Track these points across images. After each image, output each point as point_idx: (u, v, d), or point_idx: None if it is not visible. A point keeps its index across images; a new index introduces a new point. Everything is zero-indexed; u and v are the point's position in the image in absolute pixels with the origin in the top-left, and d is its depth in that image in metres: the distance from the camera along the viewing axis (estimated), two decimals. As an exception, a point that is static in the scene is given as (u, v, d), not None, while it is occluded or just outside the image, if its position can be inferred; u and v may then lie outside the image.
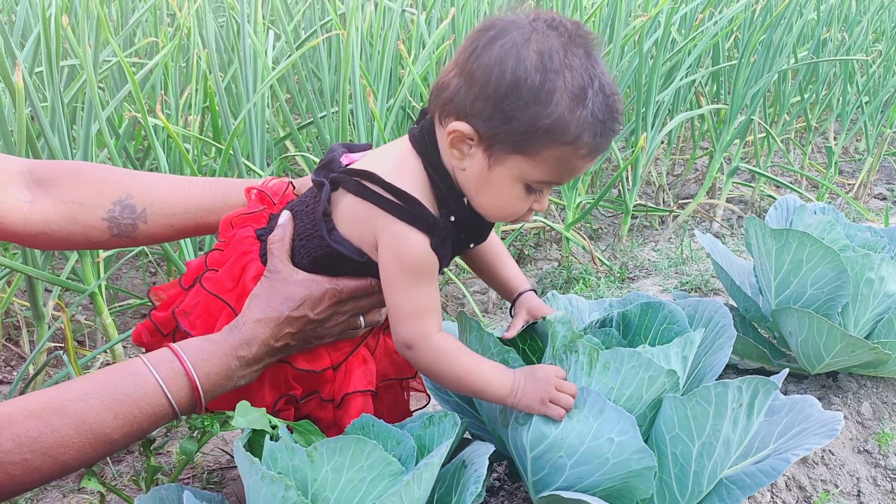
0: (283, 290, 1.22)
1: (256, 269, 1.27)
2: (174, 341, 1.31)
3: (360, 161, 1.25)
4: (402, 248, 1.15)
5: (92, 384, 1.11)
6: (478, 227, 1.24)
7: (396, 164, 1.19)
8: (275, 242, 1.26)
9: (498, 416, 1.29)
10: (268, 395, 1.28)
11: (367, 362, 1.32)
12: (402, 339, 1.19)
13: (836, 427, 1.22)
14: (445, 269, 2.51)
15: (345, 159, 1.27)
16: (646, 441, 1.22)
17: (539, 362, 1.31)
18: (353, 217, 1.20)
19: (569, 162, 1.11)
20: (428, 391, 1.47)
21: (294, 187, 1.42)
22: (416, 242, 1.15)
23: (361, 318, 1.29)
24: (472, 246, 1.29)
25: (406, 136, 1.22)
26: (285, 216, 1.29)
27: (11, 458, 1.04)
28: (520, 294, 1.37)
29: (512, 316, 1.38)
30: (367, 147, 1.31)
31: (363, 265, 1.22)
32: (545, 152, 1.09)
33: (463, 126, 1.09)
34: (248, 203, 1.39)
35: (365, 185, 1.17)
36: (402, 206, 1.14)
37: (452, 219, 1.18)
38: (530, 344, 1.38)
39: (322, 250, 1.23)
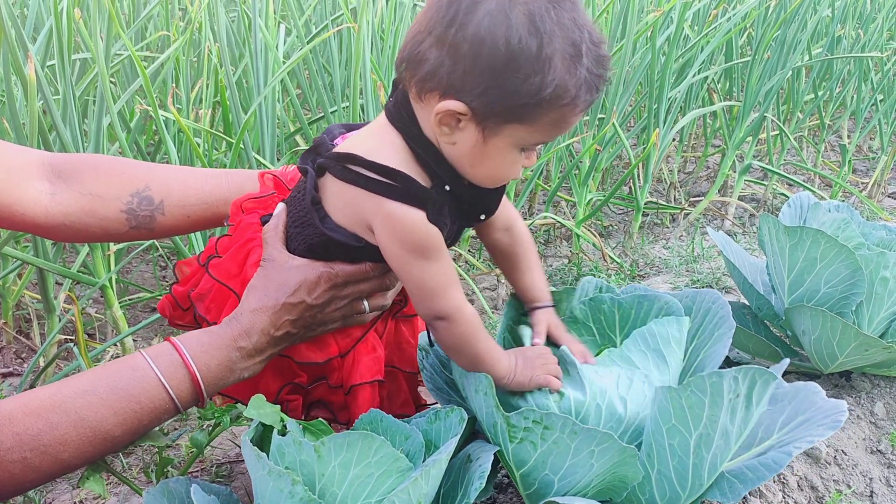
0: (278, 278, 1.20)
1: (259, 254, 1.26)
2: (194, 317, 1.32)
3: (342, 144, 1.20)
4: (399, 228, 1.11)
5: (91, 380, 1.10)
6: (480, 195, 1.19)
7: (376, 141, 1.14)
8: (268, 231, 1.25)
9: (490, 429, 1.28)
10: (272, 383, 1.27)
11: (375, 350, 1.30)
12: (435, 313, 1.16)
13: (841, 418, 1.19)
14: (456, 267, 2.50)
15: (339, 140, 1.23)
16: (641, 434, 1.22)
17: None
18: (342, 203, 1.17)
19: (565, 120, 1.08)
20: (431, 392, 1.46)
21: None
22: (413, 219, 1.11)
23: (365, 303, 1.27)
24: (482, 218, 1.23)
25: (383, 113, 1.17)
26: (280, 206, 1.28)
27: (11, 456, 1.03)
28: (538, 307, 1.32)
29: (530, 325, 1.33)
30: (366, 125, 1.25)
31: (361, 249, 1.19)
32: (544, 117, 1.06)
33: (454, 104, 1.04)
34: (261, 187, 1.39)
35: (349, 169, 1.13)
36: (390, 185, 1.10)
37: (448, 189, 1.14)
38: None
39: (317, 238, 1.21)
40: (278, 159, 2.48)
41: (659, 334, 1.26)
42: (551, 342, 1.30)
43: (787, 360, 1.30)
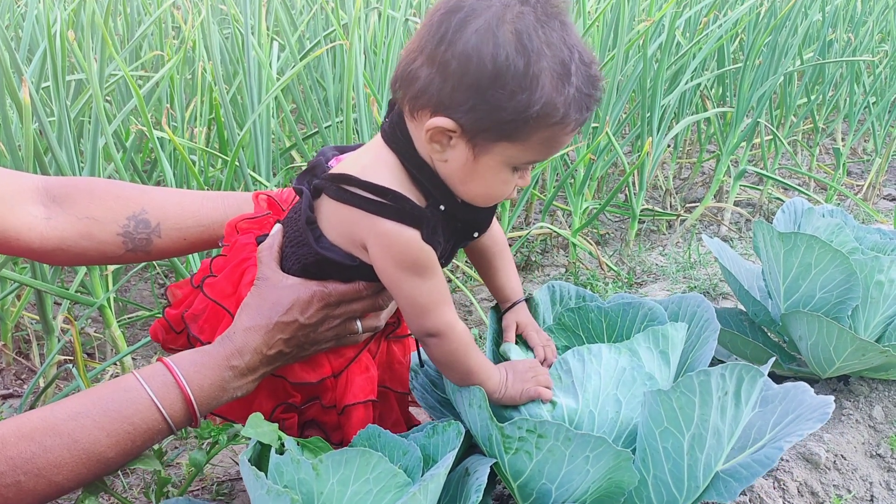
0: (272, 297, 1.21)
1: (253, 274, 1.26)
2: (187, 339, 1.32)
3: (339, 165, 1.22)
4: (393, 246, 1.12)
5: (84, 402, 1.10)
6: (474, 214, 1.20)
7: (371, 161, 1.16)
8: (263, 250, 1.26)
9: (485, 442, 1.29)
10: (266, 403, 1.28)
11: (368, 370, 1.31)
12: (427, 330, 1.18)
13: (828, 411, 1.21)
14: (454, 279, 2.50)
15: (333, 162, 1.25)
16: (635, 440, 1.23)
17: None
18: (337, 222, 1.18)
19: (556, 140, 1.09)
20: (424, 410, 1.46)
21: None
22: (407, 238, 1.12)
23: (358, 324, 1.28)
24: (476, 235, 1.25)
25: (378, 133, 1.19)
26: (276, 226, 1.29)
27: (5, 480, 1.03)
28: (512, 305, 1.39)
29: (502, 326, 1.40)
30: (359, 146, 1.28)
31: (355, 269, 1.20)
32: (534, 136, 1.06)
33: (443, 121, 1.05)
34: (256, 208, 1.39)
35: (344, 189, 1.14)
36: (384, 204, 1.11)
37: (442, 208, 1.15)
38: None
39: (312, 257, 1.21)
40: (274, 175, 2.49)
41: (671, 338, 1.28)
42: (522, 339, 1.36)
43: (774, 358, 1.33)
